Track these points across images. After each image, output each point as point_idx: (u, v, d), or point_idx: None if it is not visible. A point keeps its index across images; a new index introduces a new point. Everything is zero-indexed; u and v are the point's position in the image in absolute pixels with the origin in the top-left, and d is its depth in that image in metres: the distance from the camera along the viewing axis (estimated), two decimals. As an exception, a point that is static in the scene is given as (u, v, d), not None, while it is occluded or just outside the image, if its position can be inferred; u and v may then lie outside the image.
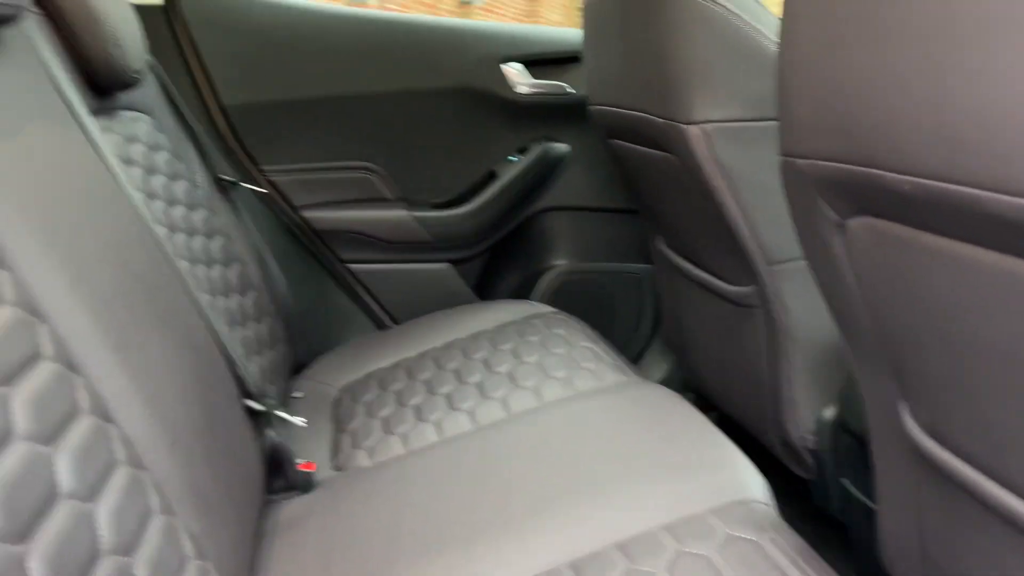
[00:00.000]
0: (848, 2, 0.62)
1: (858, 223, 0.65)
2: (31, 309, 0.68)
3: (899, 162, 0.56)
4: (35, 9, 1.03)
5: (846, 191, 0.64)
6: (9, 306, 0.65)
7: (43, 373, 0.65)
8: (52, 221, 0.76)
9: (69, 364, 0.70)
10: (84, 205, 0.85)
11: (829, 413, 1.19)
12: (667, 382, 1.84)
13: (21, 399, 0.61)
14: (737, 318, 1.31)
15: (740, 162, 1.11)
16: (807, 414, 1.23)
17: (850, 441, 1.13)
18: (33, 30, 0.98)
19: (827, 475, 1.20)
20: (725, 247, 1.23)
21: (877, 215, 0.62)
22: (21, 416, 0.60)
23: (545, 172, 1.79)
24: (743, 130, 1.10)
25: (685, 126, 1.12)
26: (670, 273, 1.55)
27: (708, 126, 1.10)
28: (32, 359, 0.64)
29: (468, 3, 7.72)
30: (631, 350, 1.91)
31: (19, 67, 0.89)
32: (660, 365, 1.87)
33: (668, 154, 1.22)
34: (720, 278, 1.33)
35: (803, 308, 1.18)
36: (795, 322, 1.19)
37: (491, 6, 8.35)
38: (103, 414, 0.71)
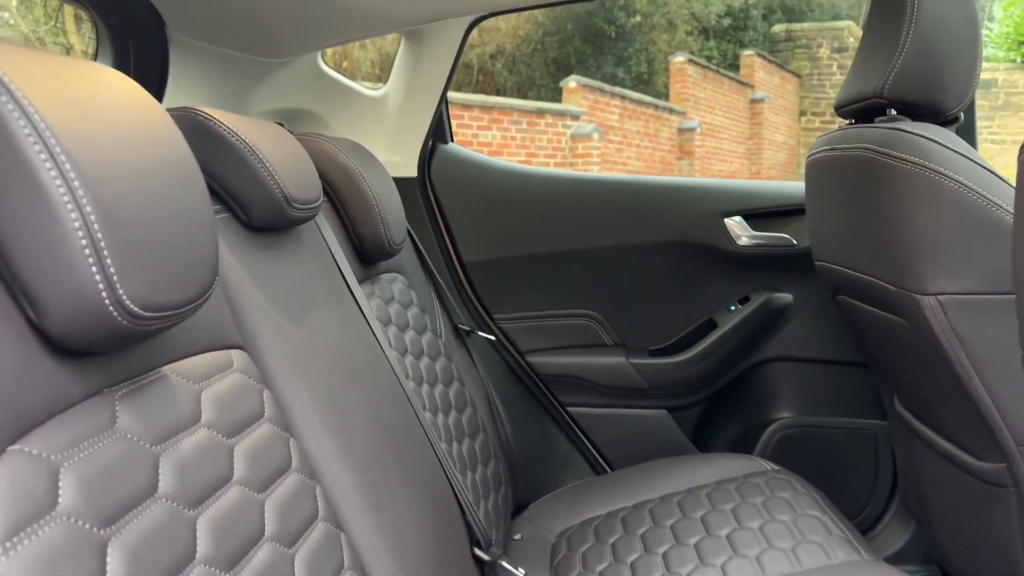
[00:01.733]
0: None
1: None
2: (310, 473, 0.80)
3: None
4: (322, 199, 1.24)
5: None
6: (295, 472, 0.77)
7: (317, 533, 0.76)
8: (329, 393, 0.90)
9: (336, 522, 0.81)
10: (355, 375, 0.99)
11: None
12: (907, 552, 1.69)
13: (300, 557, 0.72)
14: (986, 497, 1.20)
15: (980, 335, 1.05)
16: None
17: None
18: (320, 219, 1.18)
19: None
20: (969, 419, 1.15)
21: None
22: (300, 569, 0.71)
23: (767, 321, 1.77)
24: (982, 303, 1.05)
25: (919, 296, 1.08)
26: (907, 436, 1.45)
27: (943, 297, 1.06)
28: (310, 520, 0.76)
29: (690, 129, 7.91)
30: (866, 514, 1.78)
31: (312, 255, 1.08)
32: (900, 533, 1.72)
33: (901, 319, 1.18)
34: (965, 450, 1.23)
35: None
36: None
37: (710, 131, 8.48)
38: (360, 568, 0.81)
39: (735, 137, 8.92)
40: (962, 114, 1.24)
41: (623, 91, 7.45)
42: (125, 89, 0.59)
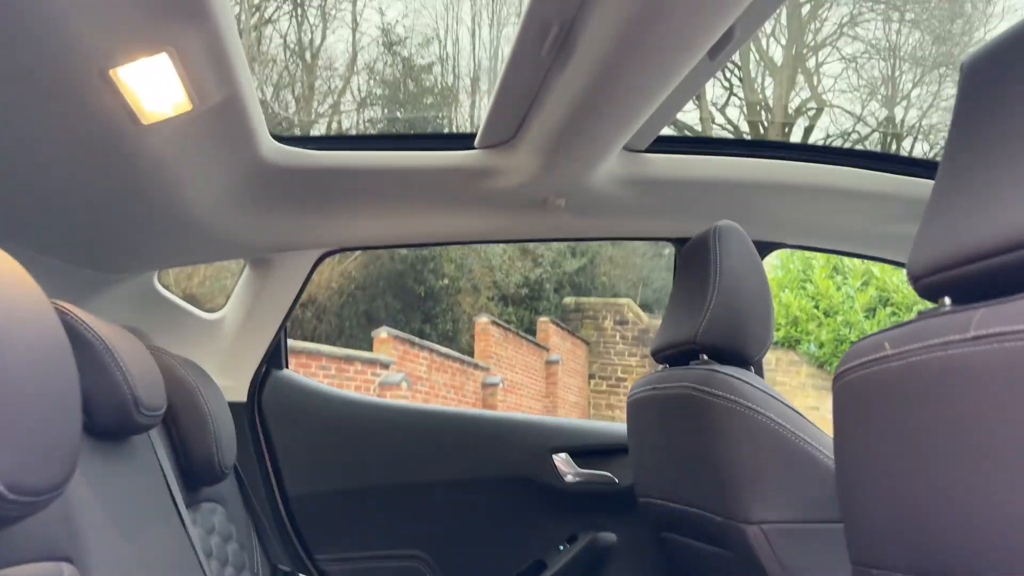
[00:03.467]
0: (895, 423, 0.72)
1: None
2: None
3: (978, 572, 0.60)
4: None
5: None
6: None
7: None
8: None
9: None
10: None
11: None
12: None
13: None
14: None
15: (803, 562, 1.14)
16: None
17: None
18: (154, 434, 1.10)
19: None
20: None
21: None
22: None
23: (594, 561, 1.79)
24: (804, 531, 1.15)
25: (744, 525, 1.17)
26: None
27: (767, 526, 1.15)
28: None
29: (493, 384, 8.22)
30: None
31: (145, 470, 0.99)
32: None
33: (726, 551, 1.25)
34: None
35: None
36: None
37: (511, 387, 8.87)
38: None
39: (533, 394, 9.37)
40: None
41: (432, 344, 7.71)
42: (12, 275, 0.58)
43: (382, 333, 7.16)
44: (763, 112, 11.79)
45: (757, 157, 1.55)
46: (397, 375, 6.72)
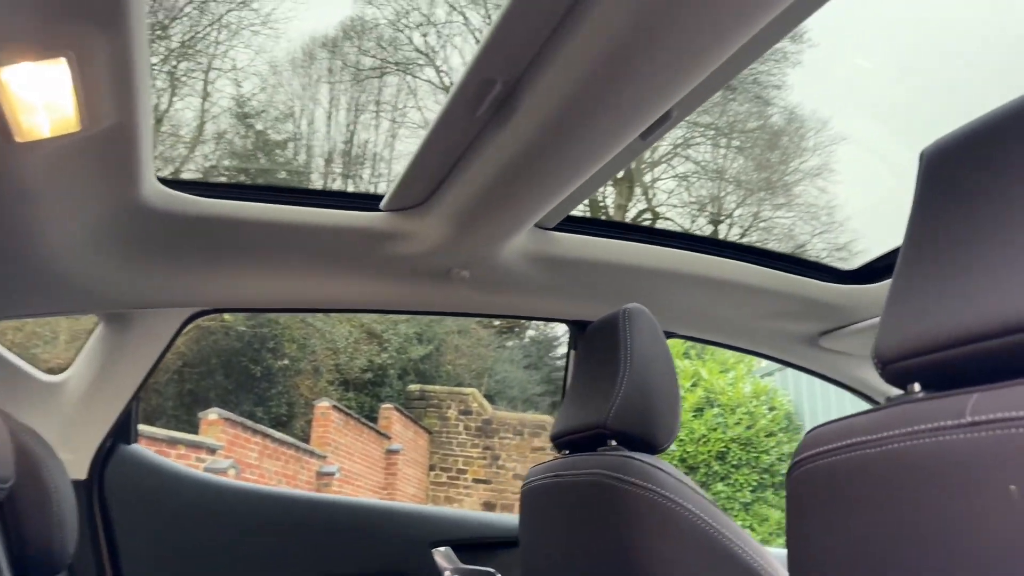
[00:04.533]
0: (872, 515, 0.69)
1: None
2: None
3: None
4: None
5: None
6: None
7: None
8: None
9: None
10: None
11: None
12: None
13: None
14: None
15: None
16: None
17: None
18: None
19: None
20: None
21: None
22: None
23: None
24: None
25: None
26: None
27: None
28: None
29: (329, 474, 7.79)
30: None
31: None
32: None
33: None
34: None
35: None
36: None
37: (348, 478, 8.45)
38: None
39: (370, 485, 8.96)
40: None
41: (266, 429, 7.23)
42: None
43: (211, 415, 6.65)
44: (605, 218, 12.46)
45: (661, 245, 1.57)
46: (225, 461, 6.22)
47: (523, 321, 11.22)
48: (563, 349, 13.67)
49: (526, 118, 1.07)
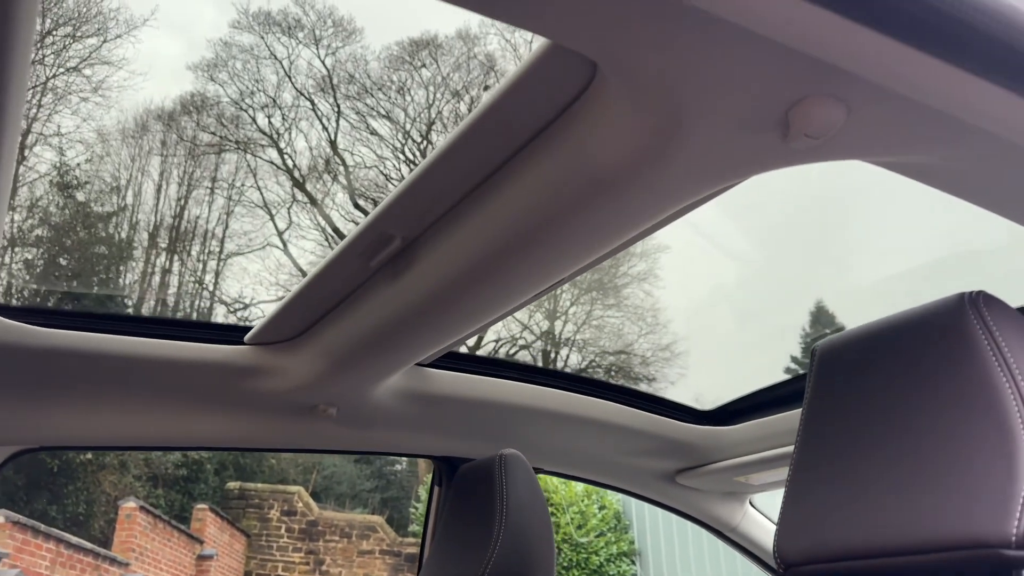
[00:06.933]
0: None
1: None
2: None
3: None
4: None
5: None
6: None
7: None
8: None
9: None
10: None
11: None
12: None
13: None
14: None
15: None
16: None
17: None
18: None
19: None
20: None
21: None
22: None
23: None
24: None
25: None
26: None
27: None
28: None
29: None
30: None
31: None
32: None
33: None
34: None
35: None
36: None
37: (152, 588, 7.63)
38: None
39: (178, 596, 8.15)
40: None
41: (61, 533, 6.42)
42: None
43: (-2, 518, 5.85)
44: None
45: (532, 383, 1.57)
46: (11, 572, 5.45)
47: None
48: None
49: (421, 274, 1.05)
